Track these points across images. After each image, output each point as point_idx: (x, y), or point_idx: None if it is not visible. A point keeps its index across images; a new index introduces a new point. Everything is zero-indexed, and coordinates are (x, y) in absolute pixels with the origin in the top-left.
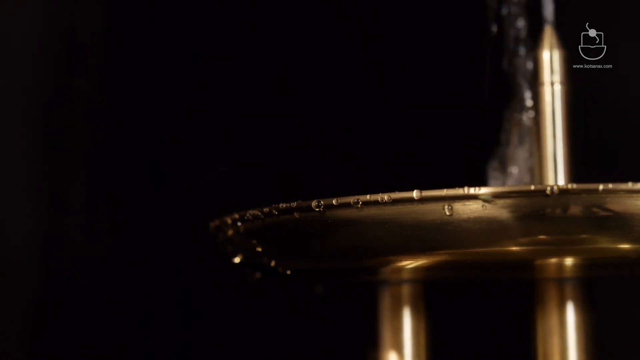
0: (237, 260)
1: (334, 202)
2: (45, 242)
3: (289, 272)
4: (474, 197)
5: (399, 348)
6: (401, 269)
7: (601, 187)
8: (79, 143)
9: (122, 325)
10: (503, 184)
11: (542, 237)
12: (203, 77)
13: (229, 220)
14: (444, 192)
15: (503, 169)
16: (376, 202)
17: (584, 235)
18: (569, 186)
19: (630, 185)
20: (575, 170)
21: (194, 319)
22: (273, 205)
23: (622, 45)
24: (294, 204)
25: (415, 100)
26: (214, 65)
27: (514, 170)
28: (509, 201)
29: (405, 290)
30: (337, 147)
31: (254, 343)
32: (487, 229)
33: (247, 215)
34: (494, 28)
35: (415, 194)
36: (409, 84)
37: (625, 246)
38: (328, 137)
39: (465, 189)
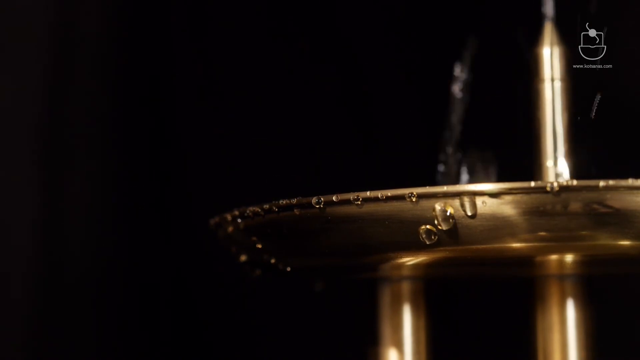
0: (237, 257)
1: (334, 198)
2: (46, 242)
3: (289, 269)
4: (474, 194)
5: (399, 345)
6: (401, 265)
7: (601, 183)
8: (79, 140)
9: (121, 323)
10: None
11: (542, 233)
12: (201, 74)
13: (229, 217)
14: (444, 188)
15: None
16: (376, 199)
17: (584, 232)
18: (569, 183)
19: (630, 181)
20: (576, 168)
21: (194, 317)
22: (273, 201)
23: (624, 41)
24: (294, 201)
25: (416, 97)
26: (211, 61)
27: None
28: (509, 198)
29: (405, 287)
30: (337, 143)
31: (253, 340)
32: (487, 226)
33: (247, 211)
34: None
35: (415, 190)
36: (410, 79)
37: (626, 243)
38: (328, 134)
39: (466, 185)
